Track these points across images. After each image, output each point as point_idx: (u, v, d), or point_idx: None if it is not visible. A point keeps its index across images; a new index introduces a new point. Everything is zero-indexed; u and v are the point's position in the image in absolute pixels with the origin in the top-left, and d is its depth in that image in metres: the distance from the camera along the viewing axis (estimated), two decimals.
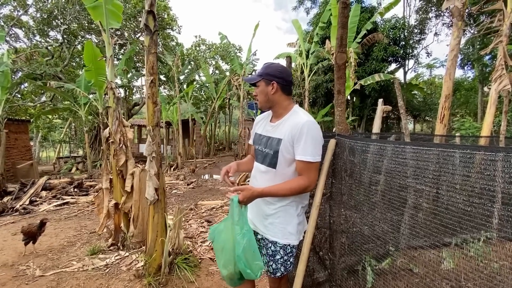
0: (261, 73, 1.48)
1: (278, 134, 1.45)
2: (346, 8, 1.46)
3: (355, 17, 8.83)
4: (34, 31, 12.81)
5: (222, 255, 1.40)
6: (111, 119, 3.39)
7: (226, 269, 1.38)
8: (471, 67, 15.44)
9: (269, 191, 1.38)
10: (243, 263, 1.30)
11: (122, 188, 3.38)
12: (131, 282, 2.56)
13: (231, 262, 1.34)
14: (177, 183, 8.21)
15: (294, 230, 1.45)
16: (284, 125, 1.45)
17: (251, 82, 1.52)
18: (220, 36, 13.40)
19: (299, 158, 1.36)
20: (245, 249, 1.30)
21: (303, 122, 1.36)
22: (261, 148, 1.54)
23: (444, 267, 1.49)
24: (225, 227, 1.40)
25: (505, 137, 3.63)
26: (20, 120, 11.65)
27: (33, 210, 5.39)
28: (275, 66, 1.50)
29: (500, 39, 3.67)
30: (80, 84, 9.07)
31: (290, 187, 1.37)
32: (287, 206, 1.44)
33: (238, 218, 1.35)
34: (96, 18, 3.53)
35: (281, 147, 1.41)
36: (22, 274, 2.76)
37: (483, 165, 0.92)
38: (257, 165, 1.56)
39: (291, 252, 1.47)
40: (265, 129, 1.57)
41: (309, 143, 1.35)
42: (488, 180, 0.93)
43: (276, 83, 1.45)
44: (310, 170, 1.37)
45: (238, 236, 1.32)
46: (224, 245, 1.38)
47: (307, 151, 1.35)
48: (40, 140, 20.24)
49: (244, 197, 1.33)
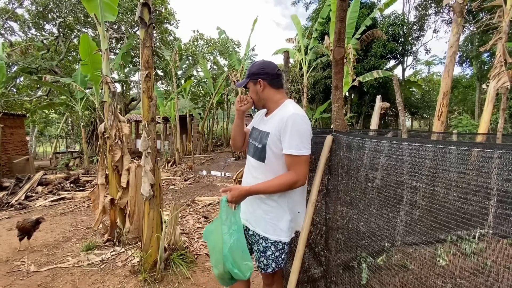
0: (247, 75, 1.51)
1: (267, 128, 1.45)
2: (344, 1, 1.43)
3: (355, 13, 8.76)
4: (30, 24, 12.62)
5: (213, 255, 1.40)
6: (107, 114, 3.35)
7: (217, 269, 1.38)
8: (469, 64, 15.45)
9: (257, 189, 1.37)
10: (231, 263, 1.29)
11: (118, 183, 3.36)
12: (126, 278, 2.55)
13: (220, 261, 1.33)
14: (175, 179, 8.19)
15: (286, 227, 1.43)
16: (273, 119, 1.44)
17: (243, 86, 1.53)
18: (218, 31, 13.27)
19: (285, 152, 1.35)
20: (231, 249, 1.29)
21: (288, 115, 1.34)
22: (252, 141, 1.56)
23: (438, 263, 1.49)
24: (215, 227, 1.40)
25: (502, 134, 3.64)
26: (16, 114, 11.52)
27: (28, 206, 5.35)
28: (257, 63, 1.51)
29: (500, 36, 3.65)
30: (77, 79, 8.97)
31: (279, 183, 1.35)
32: (279, 202, 1.43)
33: (225, 218, 1.35)
34: (91, 10, 3.47)
35: (268, 141, 1.40)
36: (16, 269, 2.74)
37: (480, 162, 0.91)
38: (249, 158, 1.58)
39: (282, 248, 1.46)
40: (260, 123, 1.58)
41: (294, 136, 1.32)
42: (484, 177, 0.92)
43: (261, 80, 1.46)
44: (297, 164, 1.33)
45: (225, 235, 1.32)
46: (215, 245, 1.37)
47: (292, 145, 1.32)
48: (36, 135, 20.10)
49: (232, 197, 1.33)
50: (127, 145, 3.55)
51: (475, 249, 1.16)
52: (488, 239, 1.10)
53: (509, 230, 0.82)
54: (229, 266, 1.29)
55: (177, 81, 13.57)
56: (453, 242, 1.12)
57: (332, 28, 8.33)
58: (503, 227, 0.87)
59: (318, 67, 13.81)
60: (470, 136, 5.63)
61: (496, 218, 0.93)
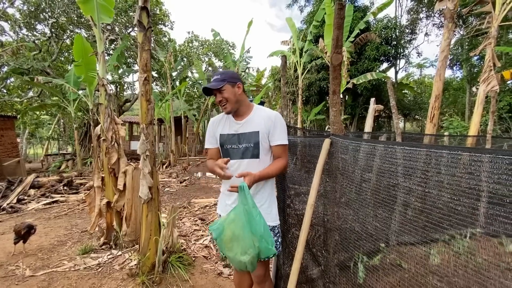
0: (223, 78, 1.59)
1: (252, 128, 1.62)
2: (342, 10, 1.47)
3: (348, 17, 8.91)
4: (21, 24, 12.41)
5: (238, 244, 1.45)
6: (103, 116, 3.33)
7: (246, 255, 1.44)
8: (459, 67, 15.80)
9: (266, 172, 1.57)
10: (265, 241, 1.41)
11: (114, 186, 3.34)
12: (124, 281, 2.54)
13: (250, 245, 1.42)
14: (170, 181, 8.15)
15: (276, 212, 1.70)
16: (254, 120, 1.64)
17: (216, 87, 1.56)
18: (213, 33, 13.28)
19: (279, 143, 1.62)
20: (264, 228, 1.42)
21: (274, 114, 1.64)
22: (236, 146, 1.66)
23: (431, 262, 1.53)
24: (235, 216, 1.46)
25: (491, 136, 3.75)
26: (6, 116, 11.28)
27: (21, 209, 5.26)
28: (231, 70, 1.73)
29: (489, 41, 3.77)
30: (69, 80, 8.85)
31: (278, 167, 1.62)
32: (270, 191, 1.68)
33: (252, 202, 1.44)
34: (87, 13, 3.45)
35: (260, 138, 1.61)
36: (11, 274, 2.70)
37: (471, 166, 0.95)
38: (235, 162, 1.64)
39: (278, 232, 1.68)
40: (232, 128, 1.67)
41: (282, 130, 1.64)
42: (475, 180, 0.97)
43: (241, 83, 1.64)
44: (285, 151, 1.67)
45: (257, 217, 1.42)
46: (240, 233, 1.44)
47: (281, 137, 1.63)
48: (27, 136, 19.71)
49: (250, 181, 1.47)
50: (123, 147, 3.53)
51: (468, 248, 1.21)
52: (479, 238, 1.15)
53: (499, 230, 0.87)
54: (264, 244, 1.40)
55: (172, 83, 13.52)
56: (445, 241, 1.16)
57: (327, 30, 8.44)
58: (493, 227, 0.92)
59: (313, 69, 13.93)
60: (461, 138, 5.77)
61: (487, 219, 0.97)
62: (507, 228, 0.83)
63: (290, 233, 1.99)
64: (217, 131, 1.73)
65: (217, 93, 1.59)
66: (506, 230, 0.84)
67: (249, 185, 1.46)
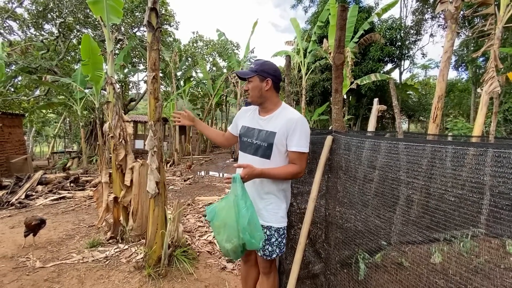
0: (255, 69, 1.55)
1: (270, 127, 1.56)
2: (345, 11, 1.53)
3: (353, 17, 8.92)
4: (29, 24, 12.63)
5: (224, 231, 1.49)
6: (111, 114, 3.42)
7: (230, 243, 1.48)
8: (465, 68, 15.70)
9: (269, 172, 1.50)
10: (249, 234, 1.41)
11: (122, 182, 3.43)
12: (131, 273, 2.62)
13: (235, 235, 1.44)
14: (174, 179, 8.25)
15: (284, 214, 1.64)
16: (276, 119, 1.57)
17: (245, 76, 1.58)
18: (218, 33, 13.38)
19: (295, 149, 1.51)
20: (250, 221, 1.41)
21: (297, 118, 1.52)
22: (251, 140, 1.63)
23: (432, 260, 1.57)
24: (226, 204, 1.49)
25: (494, 137, 3.76)
26: (14, 114, 11.49)
27: (29, 204, 5.38)
28: (270, 64, 1.60)
29: (492, 42, 3.79)
30: (76, 79, 9.00)
31: (286, 171, 1.52)
32: (278, 193, 1.60)
33: (241, 193, 1.44)
34: (96, 13, 3.54)
35: (275, 140, 1.53)
36: (22, 265, 2.79)
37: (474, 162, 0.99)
38: (248, 156, 1.63)
39: (283, 234, 1.65)
40: (255, 122, 1.65)
41: (303, 136, 1.52)
42: (477, 177, 1.00)
43: (271, 80, 1.55)
44: (302, 159, 1.54)
45: (243, 209, 1.42)
46: (227, 221, 1.47)
47: (300, 143, 1.51)
48: (34, 134, 19.99)
49: (245, 174, 1.43)
50: (130, 144, 3.62)
51: (469, 247, 1.24)
52: (481, 238, 1.18)
53: (500, 231, 0.90)
54: (247, 237, 1.41)
55: (176, 82, 13.64)
56: (447, 240, 1.19)
57: (331, 31, 8.47)
58: (495, 229, 0.95)
59: (317, 69, 13.97)
60: (465, 138, 5.76)
61: (489, 220, 0.99)
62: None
63: (292, 230, 2.05)
64: (241, 120, 1.73)
65: (246, 82, 1.61)
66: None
67: (243, 178, 1.44)
